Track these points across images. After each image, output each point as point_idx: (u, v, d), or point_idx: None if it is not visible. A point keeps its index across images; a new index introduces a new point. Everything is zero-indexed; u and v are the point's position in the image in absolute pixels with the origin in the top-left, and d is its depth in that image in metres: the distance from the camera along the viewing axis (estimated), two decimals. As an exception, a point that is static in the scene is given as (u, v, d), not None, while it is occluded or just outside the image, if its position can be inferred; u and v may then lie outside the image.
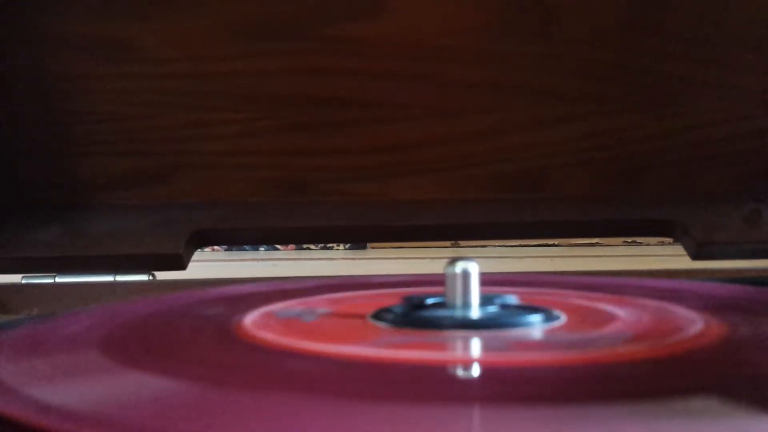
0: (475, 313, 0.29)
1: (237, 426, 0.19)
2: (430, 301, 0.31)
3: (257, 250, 1.13)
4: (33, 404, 0.21)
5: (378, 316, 0.30)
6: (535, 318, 0.29)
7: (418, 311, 0.30)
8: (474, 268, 0.29)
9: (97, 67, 0.53)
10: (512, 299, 0.31)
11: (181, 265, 0.51)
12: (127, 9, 0.52)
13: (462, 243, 0.95)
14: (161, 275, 0.52)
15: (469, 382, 0.24)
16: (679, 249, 0.53)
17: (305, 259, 1.12)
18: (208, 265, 1.04)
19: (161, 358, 0.27)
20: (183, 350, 0.28)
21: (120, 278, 0.51)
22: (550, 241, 1.07)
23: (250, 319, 0.31)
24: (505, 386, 0.22)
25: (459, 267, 0.29)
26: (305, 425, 0.19)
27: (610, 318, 0.31)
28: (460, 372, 0.24)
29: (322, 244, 1.12)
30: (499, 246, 1.03)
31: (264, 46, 0.53)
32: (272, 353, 0.26)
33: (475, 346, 0.27)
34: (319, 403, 0.21)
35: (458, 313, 0.29)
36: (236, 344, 0.28)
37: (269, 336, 0.28)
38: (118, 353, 0.27)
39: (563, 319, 0.30)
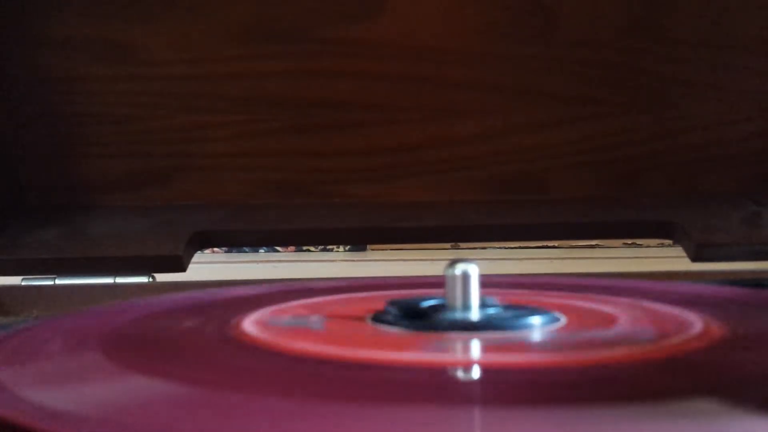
0: (475, 314, 0.29)
1: (236, 428, 0.19)
2: (430, 302, 0.31)
3: (257, 251, 1.13)
4: (32, 407, 0.21)
5: (378, 318, 0.30)
6: (535, 320, 0.29)
7: (418, 313, 0.30)
8: (474, 270, 0.29)
9: (97, 69, 0.53)
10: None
11: (181, 267, 0.51)
12: (127, 11, 0.52)
13: (462, 245, 0.95)
14: (161, 277, 0.52)
15: (469, 383, 0.24)
16: (678, 251, 0.53)
17: (305, 260, 1.12)
18: (208, 266, 1.04)
19: (161, 361, 0.27)
20: (182, 353, 0.28)
21: (120, 280, 0.51)
22: (550, 243, 1.07)
23: (249, 321, 0.31)
24: (505, 388, 0.22)
25: (459, 269, 0.29)
26: (305, 427, 0.19)
27: (610, 319, 0.31)
28: (460, 374, 0.24)
29: (322, 246, 1.12)
30: (499, 248, 1.03)
31: (264, 48, 0.53)
32: (272, 355, 0.26)
33: (475, 347, 0.27)
34: (319, 405, 0.21)
35: (458, 314, 0.29)
36: (236, 346, 0.28)
37: (269, 338, 0.28)
38: (118, 355, 0.27)
39: (563, 320, 0.30)
